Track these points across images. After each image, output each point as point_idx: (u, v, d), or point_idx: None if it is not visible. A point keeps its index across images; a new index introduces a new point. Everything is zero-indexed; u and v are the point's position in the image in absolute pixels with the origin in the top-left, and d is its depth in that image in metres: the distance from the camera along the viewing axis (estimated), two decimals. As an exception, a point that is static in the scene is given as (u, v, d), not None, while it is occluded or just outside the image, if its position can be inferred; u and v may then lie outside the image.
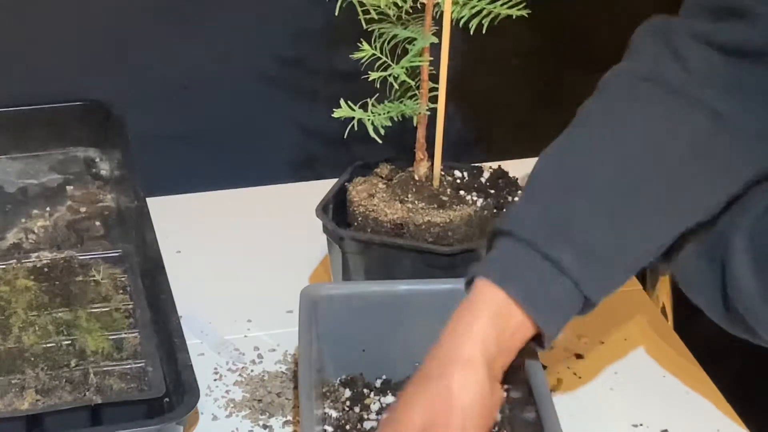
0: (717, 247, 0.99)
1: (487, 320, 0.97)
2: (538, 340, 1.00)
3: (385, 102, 1.19)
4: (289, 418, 1.15)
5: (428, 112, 1.21)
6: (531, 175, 1.03)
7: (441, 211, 1.20)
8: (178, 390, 1.08)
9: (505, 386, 1.10)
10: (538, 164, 1.03)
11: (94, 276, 1.25)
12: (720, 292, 1.01)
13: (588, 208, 0.99)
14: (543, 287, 0.98)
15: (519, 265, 0.98)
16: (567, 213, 0.99)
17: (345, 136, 1.16)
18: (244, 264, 1.38)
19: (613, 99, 1.04)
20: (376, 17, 1.17)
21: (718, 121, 1.00)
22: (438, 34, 1.17)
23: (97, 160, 1.46)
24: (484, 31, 1.15)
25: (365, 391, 1.12)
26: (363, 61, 1.16)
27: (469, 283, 1.00)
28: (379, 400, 1.11)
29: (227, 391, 1.19)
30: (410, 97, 1.20)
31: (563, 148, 1.03)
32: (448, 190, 1.24)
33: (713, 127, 1.00)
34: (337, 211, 1.24)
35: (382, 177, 1.27)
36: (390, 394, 1.11)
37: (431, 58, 1.18)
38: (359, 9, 1.16)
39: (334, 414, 1.08)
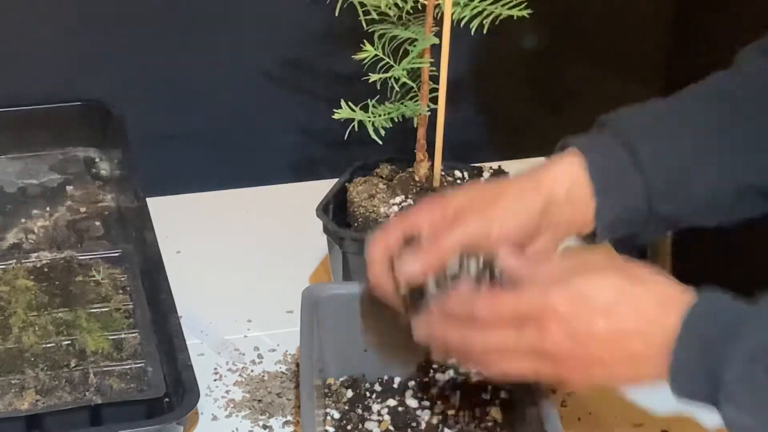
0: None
1: (563, 174, 1.04)
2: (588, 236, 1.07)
3: (386, 103, 1.19)
4: (289, 418, 1.15)
5: (428, 113, 1.21)
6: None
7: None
8: (178, 390, 1.08)
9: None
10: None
11: (94, 276, 1.25)
12: None
13: (678, 126, 1.07)
14: (613, 166, 1.04)
15: (602, 145, 1.05)
16: (659, 121, 1.07)
17: (345, 137, 1.16)
18: (244, 264, 1.38)
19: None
20: (376, 18, 1.17)
21: None
22: (439, 34, 1.17)
23: (97, 160, 1.45)
24: (484, 32, 1.15)
25: (367, 392, 1.12)
26: (365, 62, 1.16)
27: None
28: (380, 400, 1.11)
29: (227, 391, 1.19)
30: (411, 98, 1.20)
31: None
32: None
33: None
34: (337, 212, 1.24)
35: (382, 177, 1.27)
36: (392, 394, 1.11)
37: (432, 59, 1.18)
38: (360, 10, 1.16)
39: (335, 414, 1.08)
